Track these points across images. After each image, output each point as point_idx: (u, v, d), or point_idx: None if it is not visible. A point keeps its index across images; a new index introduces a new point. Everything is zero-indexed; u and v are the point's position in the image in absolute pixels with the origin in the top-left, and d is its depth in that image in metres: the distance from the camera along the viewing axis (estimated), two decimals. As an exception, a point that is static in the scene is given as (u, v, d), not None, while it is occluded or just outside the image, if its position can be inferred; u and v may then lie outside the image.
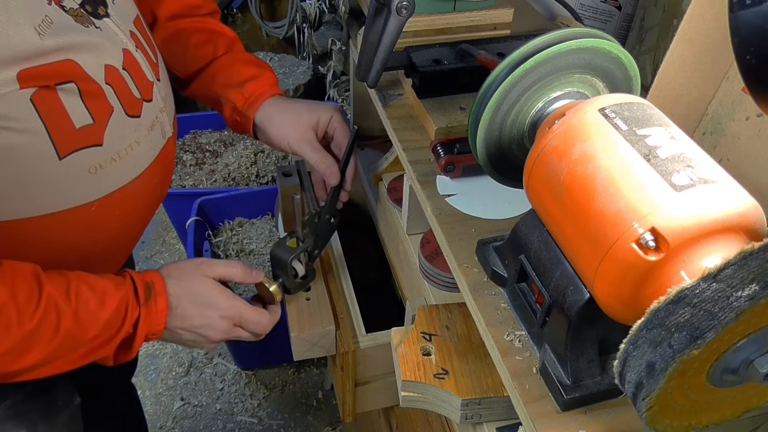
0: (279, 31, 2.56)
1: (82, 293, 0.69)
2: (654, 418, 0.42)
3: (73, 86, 0.65)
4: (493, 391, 0.70)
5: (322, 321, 1.00)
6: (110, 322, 0.71)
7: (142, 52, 0.77)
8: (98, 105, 0.69)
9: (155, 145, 0.80)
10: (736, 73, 0.63)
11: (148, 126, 0.77)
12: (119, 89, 0.71)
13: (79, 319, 0.68)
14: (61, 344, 0.68)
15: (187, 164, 2.06)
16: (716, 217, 0.41)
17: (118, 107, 0.71)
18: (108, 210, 0.75)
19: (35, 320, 0.65)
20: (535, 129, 0.59)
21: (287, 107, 0.96)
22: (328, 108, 0.98)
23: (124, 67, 0.72)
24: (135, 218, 0.82)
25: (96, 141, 0.69)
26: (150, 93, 0.77)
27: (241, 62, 0.98)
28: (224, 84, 0.97)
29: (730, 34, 0.47)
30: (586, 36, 0.55)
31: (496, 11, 0.91)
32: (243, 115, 0.97)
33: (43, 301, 0.65)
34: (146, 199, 0.82)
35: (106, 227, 0.76)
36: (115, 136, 0.71)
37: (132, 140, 0.74)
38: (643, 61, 0.95)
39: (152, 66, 0.79)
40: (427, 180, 0.77)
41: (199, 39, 0.98)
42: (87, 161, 0.69)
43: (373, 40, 0.75)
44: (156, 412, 1.83)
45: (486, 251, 0.64)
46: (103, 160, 0.71)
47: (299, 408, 1.85)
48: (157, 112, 0.79)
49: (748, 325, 0.37)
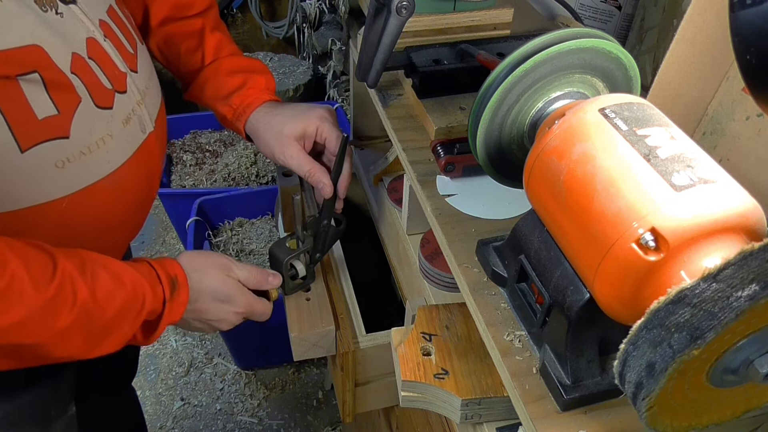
0: (279, 31, 2.56)
1: (98, 272, 0.68)
2: (654, 418, 0.42)
3: (36, 76, 0.63)
4: (493, 391, 0.70)
5: (322, 321, 1.00)
6: (128, 304, 0.70)
7: (113, 42, 0.74)
8: (64, 95, 0.66)
9: (132, 140, 0.76)
10: (736, 73, 0.63)
11: (122, 119, 0.74)
12: (87, 79, 0.68)
13: (96, 296, 0.66)
14: (78, 319, 0.65)
15: (187, 164, 2.06)
16: (716, 217, 0.41)
17: (86, 97, 0.68)
18: (81, 207, 0.72)
19: (51, 291, 0.62)
20: (535, 129, 0.59)
21: (271, 120, 0.93)
22: (315, 116, 0.94)
23: (90, 56, 0.69)
24: (116, 218, 0.79)
25: (62, 133, 0.66)
26: (123, 84, 0.74)
27: (226, 73, 0.95)
28: (212, 96, 0.95)
29: (730, 34, 0.47)
30: (586, 36, 0.55)
31: (496, 11, 0.91)
32: (234, 126, 0.96)
33: (59, 274, 0.63)
34: (126, 198, 0.79)
35: (82, 226, 0.73)
36: (84, 129, 0.68)
37: (103, 133, 0.71)
38: (643, 61, 0.95)
39: (126, 57, 0.76)
40: (427, 180, 0.77)
41: (189, 45, 0.96)
42: (53, 154, 0.66)
43: (373, 40, 0.75)
44: (156, 412, 1.83)
45: (486, 251, 0.64)
46: (71, 154, 0.68)
47: (299, 408, 1.85)
48: (134, 104, 0.76)
49: (748, 325, 0.37)
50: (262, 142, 0.94)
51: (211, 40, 0.96)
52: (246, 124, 0.94)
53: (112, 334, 0.70)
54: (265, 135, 0.93)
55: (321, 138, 0.95)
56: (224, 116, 0.95)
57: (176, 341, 2.01)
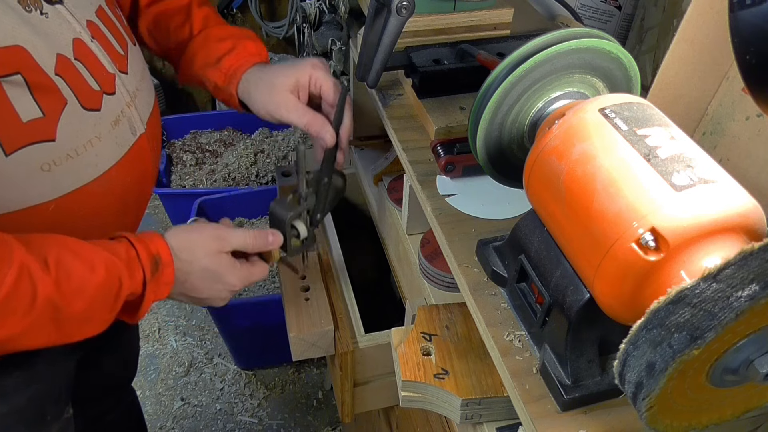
0: (279, 31, 2.56)
1: (67, 261, 0.64)
2: (654, 418, 0.42)
3: (19, 78, 0.62)
4: (493, 391, 0.70)
5: (321, 321, 1.00)
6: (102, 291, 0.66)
7: (100, 42, 0.73)
8: (48, 97, 0.65)
9: (122, 142, 0.75)
10: (736, 73, 0.63)
11: (111, 121, 0.73)
12: (72, 81, 0.67)
13: (62, 289, 0.63)
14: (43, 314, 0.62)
15: (187, 164, 2.06)
16: (716, 217, 0.41)
17: (72, 99, 0.67)
18: (70, 211, 0.71)
19: (3, 290, 0.59)
20: (535, 129, 0.59)
21: (262, 76, 0.89)
22: (306, 66, 0.89)
23: (76, 57, 0.68)
24: (107, 221, 0.77)
25: (47, 136, 0.65)
26: (112, 85, 0.73)
27: (215, 39, 0.92)
28: (203, 64, 0.92)
29: (730, 34, 0.47)
30: (586, 36, 0.55)
31: (496, 11, 0.91)
32: (226, 92, 0.91)
33: (13, 271, 0.60)
34: (116, 201, 0.77)
35: (71, 229, 0.71)
36: (70, 131, 0.67)
37: (91, 135, 0.70)
38: (643, 61, 0.95)
39: (116, 58, 0.75)
40: (427, 180, 0.77)
41: (177, 21, 0.93)
42: (38, 158, 0.65)
43: (373, 40, 0.75)
44: (156, 412, 1.83)
45: (486, 251, 0.64)
46: (58, 157, 0.67)
47: (299, 408, 1.85)
48: (123, 106, 0.75)
49: (748, 325, 0.37)
50: (256, 101, 0.89)
51: (198, 14, 0.94)
52: (238, 87, 0.90)
53: (89, 321, 0.68)
54: (257, 93, 0.89)
55: (316, 87, 0.90)
56: (216, 84, 0.91)
57: (176, 341, 2.01)
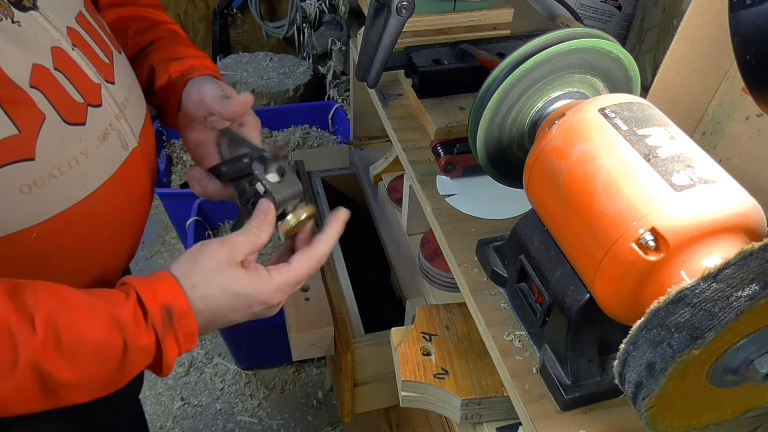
0: (279, 31, 2.57)
1: (56, 319, 0.56)
2: (654, 418, 0.42)
3: None
4: (493, 391, 0.70)
5: (321, 321, 1.00)
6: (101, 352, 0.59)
7: (82, 50, 0.67)
8: (23, 112, 0.59)
9: (112, 157, 0.69)
10: (736, 73, 0.63)
11: (98, 135, 0.66)
12: (51, 93, 0.61)
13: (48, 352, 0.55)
14: (23, 382, 0.54)
15: (187, 164, 2.07)
16: (716, 217, 0.41)
17: (51, 113, 0.61)
18: (55, 238, 0.64)
19: None
20: (535, 129, 0.59)
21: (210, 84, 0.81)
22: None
23: (56, 67, 0.63)
24: (99, 245, 0.70)
25: (25, 155, 0.59)
26: (97, 97, 0.67)
27: (183, 44, 0.86)
28: (162, 59, 0.84)
29: (730, 34, 0.47)
30: (586, 36, 0.55)
31: (496, 11, 0.91)
32: (173, 86, 0.83)
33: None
34: (108, 224, 0.70)
35: (59, 257, 0.65)
36: (52, 148, 0.61)
37: (76, 152, 0.64)
38: (643, 61, 0.95)
39: (100, 67, 0.69)
40: (427, 180, 0.77)
41: (139, 27, 0.87)
42: (17, 179, 0.59)
43: (373, 40, 0.75)
44: (156, 412, 1.83)
45: (486, 251, 0.64)
46: (39, 177, 0.60)
47: (299, 408, 1.85)
48: (111, 118, 0.69)
49: (748, 325, 0.37)
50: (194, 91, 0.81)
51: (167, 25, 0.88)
52: (189, 83, 0.82)
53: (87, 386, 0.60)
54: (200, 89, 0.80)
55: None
56: (169, 76, 0.83)
57: (176, 341, 2.01)
